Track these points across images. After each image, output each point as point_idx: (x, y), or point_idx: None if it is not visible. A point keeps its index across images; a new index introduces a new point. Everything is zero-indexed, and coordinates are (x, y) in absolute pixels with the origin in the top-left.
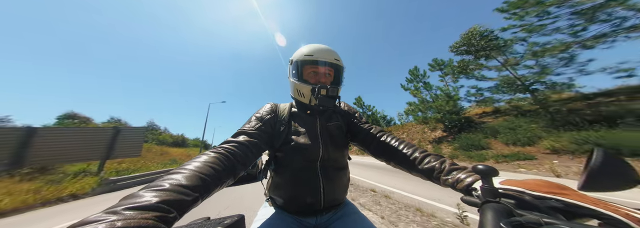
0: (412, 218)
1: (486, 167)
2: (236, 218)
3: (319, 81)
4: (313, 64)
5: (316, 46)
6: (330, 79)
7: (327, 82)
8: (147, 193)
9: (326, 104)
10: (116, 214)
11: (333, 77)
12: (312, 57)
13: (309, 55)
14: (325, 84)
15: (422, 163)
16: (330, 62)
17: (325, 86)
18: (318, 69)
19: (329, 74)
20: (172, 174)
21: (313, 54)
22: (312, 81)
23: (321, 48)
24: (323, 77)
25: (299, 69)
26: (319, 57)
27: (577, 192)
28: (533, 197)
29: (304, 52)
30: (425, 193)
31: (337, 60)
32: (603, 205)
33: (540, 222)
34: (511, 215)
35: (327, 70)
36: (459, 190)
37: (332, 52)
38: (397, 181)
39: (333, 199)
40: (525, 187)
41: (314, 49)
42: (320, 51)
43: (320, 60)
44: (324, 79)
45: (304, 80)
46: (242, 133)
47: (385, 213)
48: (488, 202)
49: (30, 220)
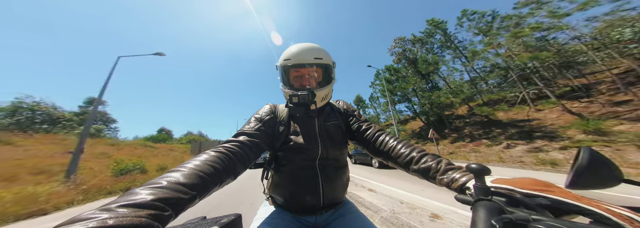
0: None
1: (479, 166)
2: (233, 217)
3: (302, 84)
4: (294, 67)
5: (296, 48)
6: (317, 79)
7: (312, 83)
8: (144, 191)
9: (298, 111)
10: (109, 212)
11: (321, 76)
12: (290, 61)
13: (287, 60)
14: (311, 85)
15: (419, 162)
16: (310, 63)
17: (296, 94)
18: (300, 72)
19: (314, 75)
20: (171, 172)
21: (291, 58)
22: (296, 85)
23: (301, 49)
24: (306, 80)
25: (283, 74)
26: (297, 60)
27: (562, 189)
28: (522, 195)
29: (283, 57)
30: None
31: (318, 59)
32: (586, 201)
33: (528, 219)
34: (502, 213)
35: (309, 71)
36: (454, 189)
37: (313, 51)
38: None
39: (332, 198)
40: (515, 185)
41: (293, 51)
42: (298, 53)
43: (299, 63)
44: (306, 82)
45: (290, 84)
46: (243, 134)
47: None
48: (480, 200)
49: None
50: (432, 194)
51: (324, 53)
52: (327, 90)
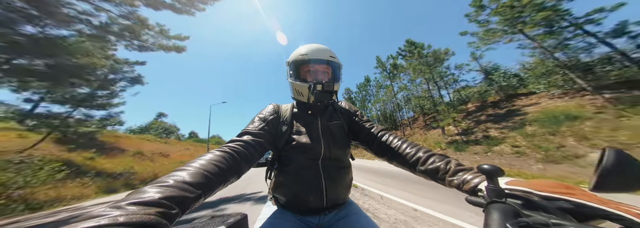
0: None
1: (491, 166)
2: (239, 217)
3: (316, 79)
4: (309, 63)
5: (311, 46)
6: (327, 77)
7: (325, 79)
8: (151, 189)
9: (323, 98)
10: (119, 209)
11: (331, 74)
12: (307, 56)
13: (304, 55)
14: (323, 81)
15: (426, 163)
16: (326, 60)
17: (321, 82)
18: (314, 67)
19: (326, 72)
20: (177, 171)
21: (308, 53)
22: (309, 80)
23: (316, 47)
24: (320, 75)
25: (295, 69)
26: (314, 56)
27: (585, 192)
28: (541, 198)
29: (299, 52)
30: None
31: (332, 57)
32: (614, 205)
33: (548, 223)
34: (518, 216)
35: (323, 68)
36: (466, 191)
37: (327, 50)
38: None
39: (336, 198)
40: (532, 187)
41: (308, 48)
42: (315, 50)
43: (315, 59)
44: (321, 77)
45: (301, 79)
46: (246, 134)
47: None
48: (494, 202)
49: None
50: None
51: (334, 54)
52: (337, 87)
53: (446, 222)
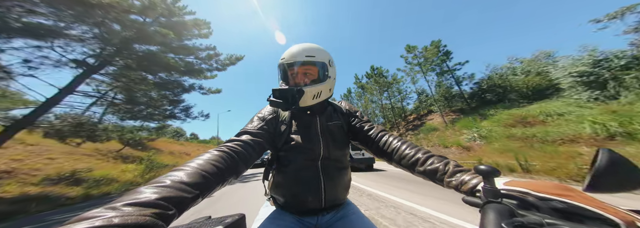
0: None
1: (488, 167)
2: (237, 217)
3: (296, 82)
4: (289, 67)
5: (292, 47)
6: (310, 78)
7: (305, 81)
8: (148, 190)
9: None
10: (115, 210)
11: (316, 74)
12: (284, 61)
13: (283, 59)
14: (304, 83)
15: (425, 164)
16: (302, 61)
17: (295, 87)
18: (293, 70)
19: (307, 73)
20: (175, 171)
21: (285, 57)
22: (291, 83)
23: (295, 49)
24: (299, 78)
25: (282, 73)
26: (290, 59)
27: (582, 194)
28: (536, 198)
29: (281, 56)
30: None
31: (309, 57)
32: (612, 210)
33: (542, 223)
34: (513, 216)
35: (303, 69)
36: (463, 192)
37: (306, 50)
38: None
39: (334, 198)
40: (530, 187)
41: (288, 51)
42: (292, 53)
43: (291, 62)
44: (299, 80)
45: (287, 83)
46: (245, 133)
47: None
48: (490, 202)
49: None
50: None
51: (318, 51)
52: (320, 88)
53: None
